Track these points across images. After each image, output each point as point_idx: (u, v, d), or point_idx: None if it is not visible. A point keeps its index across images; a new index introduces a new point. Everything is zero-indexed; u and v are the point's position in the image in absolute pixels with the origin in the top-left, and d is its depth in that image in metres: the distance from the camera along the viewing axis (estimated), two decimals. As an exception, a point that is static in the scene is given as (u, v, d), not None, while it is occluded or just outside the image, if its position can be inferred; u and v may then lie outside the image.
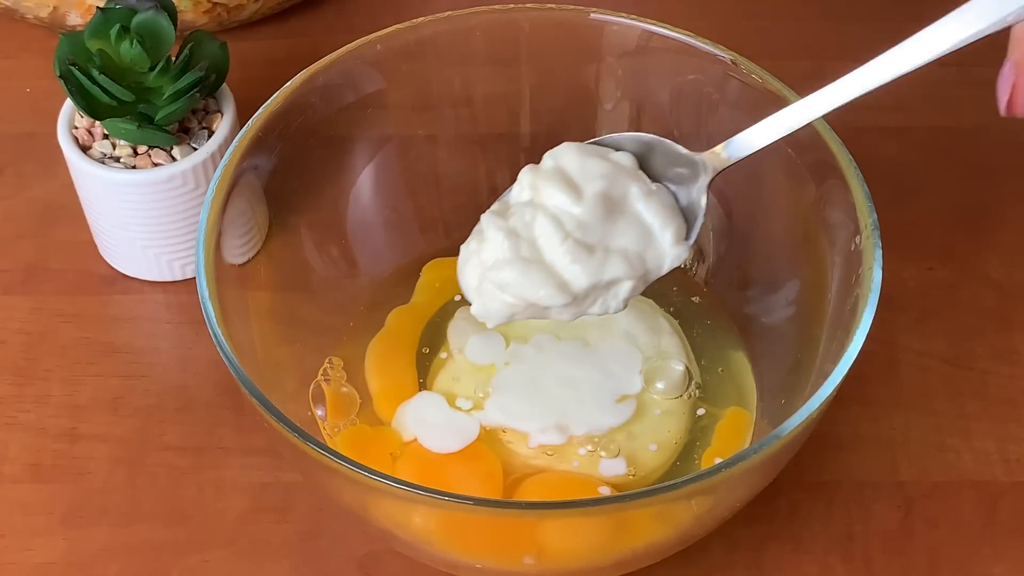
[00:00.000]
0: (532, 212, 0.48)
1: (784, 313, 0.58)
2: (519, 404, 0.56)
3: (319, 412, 0.57)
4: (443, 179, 0.63)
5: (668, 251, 0.49)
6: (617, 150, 0.51)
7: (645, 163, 0.51)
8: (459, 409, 0.56)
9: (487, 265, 0.49)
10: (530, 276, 0.48)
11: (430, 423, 0.55)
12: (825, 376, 0.48)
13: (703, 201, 0.50)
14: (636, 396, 0.56)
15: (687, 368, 0.57)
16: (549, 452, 0.55)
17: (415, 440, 0.55)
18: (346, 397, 0.58)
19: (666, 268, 0.49)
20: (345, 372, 0.58)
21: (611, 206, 0.48)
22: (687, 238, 0.49)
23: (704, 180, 0.50)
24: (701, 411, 0.57)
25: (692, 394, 0.57)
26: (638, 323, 0.59)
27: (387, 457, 0.55)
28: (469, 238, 0.51)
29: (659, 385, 0.57)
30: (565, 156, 0.49)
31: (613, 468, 0.54)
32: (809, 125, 0.54)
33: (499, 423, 0.56)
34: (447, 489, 0.45)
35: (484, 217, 0.50)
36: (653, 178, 0.50)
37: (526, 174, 0.50)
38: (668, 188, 0.50)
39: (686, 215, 0.50)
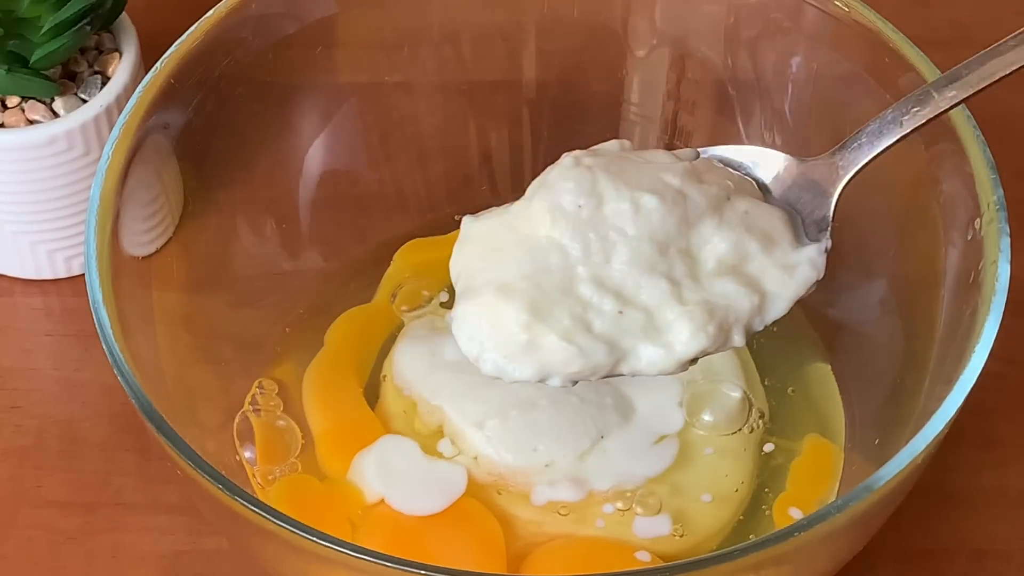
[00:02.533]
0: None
1: (879, 319, 0.58)
2: (516, 448, 0.56)
3: (247, 454, 0.57)
4: (419, 141, 0.63)
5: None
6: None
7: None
8: (440, 456, 0.56)
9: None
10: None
11: (401, 477, 0.56)
12: (935, 406, 0.48)
13: (827, 220, 0.50)
14: (678, 435, 0.57)
15: (745, 394, 0.57)
16: (563, 511, 0.55)
17: (382, 501, 0.55)
18: (283, 433, 0.58)
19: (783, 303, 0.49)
20: (281, 400, 0.58)
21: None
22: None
23: (831, 193, 0.51)
24: (769, 447, 0.57)
25: (755, 426, 0.57)
26: None
27: (344, 523, 0.55)
28: None
29: (706, 417, 0.57)
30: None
31: (653, 527, 0.54)
32: (911, 68, 0.54)
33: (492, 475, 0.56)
34: (431, 562, 0.44)
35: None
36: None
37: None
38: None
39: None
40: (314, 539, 0.45)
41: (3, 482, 0.60)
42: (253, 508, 0.45)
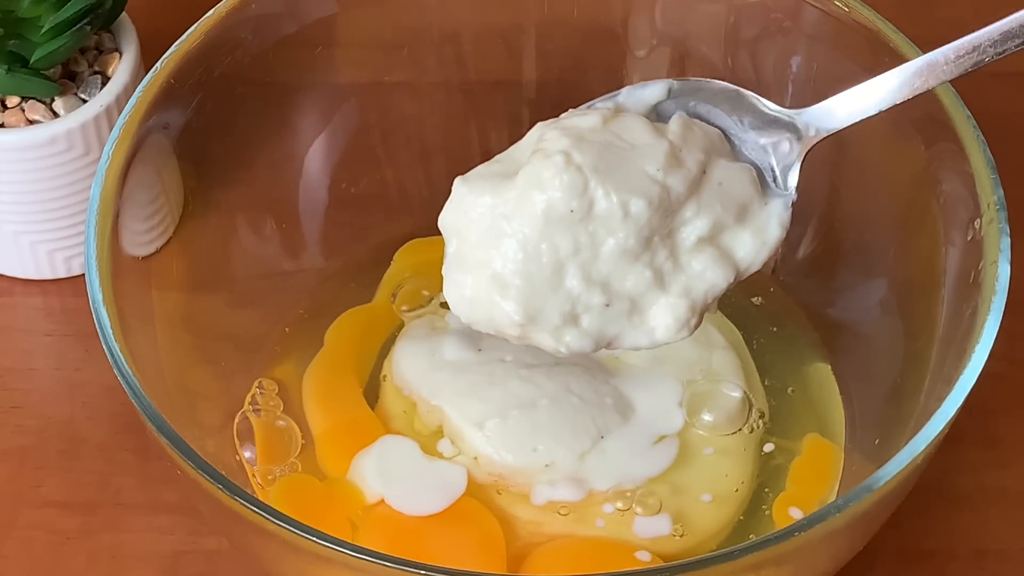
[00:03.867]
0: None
1: (879, 319, 0.58)
2: (516, 448, 0.56)
3: (247, 453, 0.57)
4: (420, 141, 0.63)
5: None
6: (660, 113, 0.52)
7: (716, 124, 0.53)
8: (440, 456, 0.56)
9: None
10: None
11: (400, 477, 0.56)
12: (935, 406, 0.48)
13: (794, 179, 0.51)
14: (678, 435, 0.57)
15: (745, 394, 0.58)
16: (563, 511, 0.55)
17: (382, 502, 0.55)
18: (282, 433, 0.58)
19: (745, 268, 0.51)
20: (281, 400, 0.58)
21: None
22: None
23: (797, 151, 0.51)
24: (769, 446, 0.57)
25: (755, 426, 0.57)
26: None
27: (344, 523, 0.55)
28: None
29: (706, 417, 0.57)
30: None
31: (653, 527, 0.55)
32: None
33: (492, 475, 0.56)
34: (431, 562, 0.44)
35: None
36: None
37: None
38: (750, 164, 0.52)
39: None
40: (314, 539, 0.45)
41: (3, 482, 0.60)
42: (253, 508, 0.45)
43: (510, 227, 0.49)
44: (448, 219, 0.51)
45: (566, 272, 0.49)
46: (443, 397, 0.57)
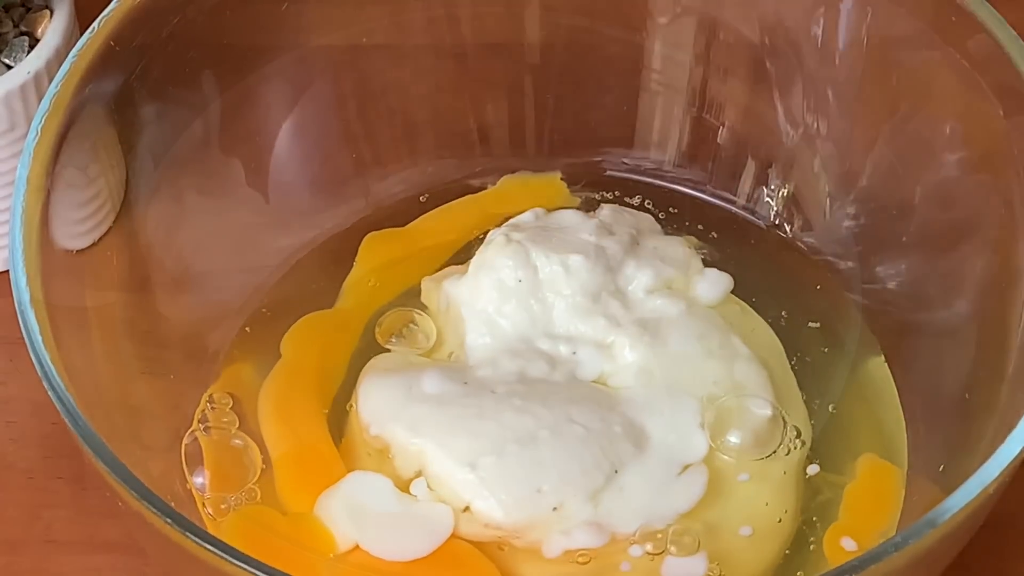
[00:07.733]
0: None
1: (947, 318, 0.58)
2: (517, 491, 0.55)
3: (197, 480, 0.56)
4: (405, 114, 0.64)
5: None
6: None
7: None
8: (415, 498, 0.56)
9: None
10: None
11: (375, 516, 0.56)
12: (1013, 421, 0.48)
13: None
14: (705, 462, 0.56)
15: (777, 410, 0.57)
16: (582, 559, 0.54)
17: (356, 548, 0.55)
18: (238, 455, 0.57)
19: None
20: (235, 415, 0.58)
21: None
22: None
23: None
24: (813, 468, 0.57)
25: (792, 446, 0.57)
26: (696, 341, 0.59)
27: (311, 572, 0.55)
28: None
29: (733, 439, 0.57)
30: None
31: (687, 568, 0.54)
32: (981, 28, 0.54)
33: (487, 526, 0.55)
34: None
35: None
36: None
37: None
38: None
39: None
40: (278, 580, 0.44)
41: (-86, 517, 0.60)
42: (207, 545, 0.45)
43: (471, 309, 0.59)
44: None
45: (533, 341, 0.59)
46: (425, 432, 0.55)
